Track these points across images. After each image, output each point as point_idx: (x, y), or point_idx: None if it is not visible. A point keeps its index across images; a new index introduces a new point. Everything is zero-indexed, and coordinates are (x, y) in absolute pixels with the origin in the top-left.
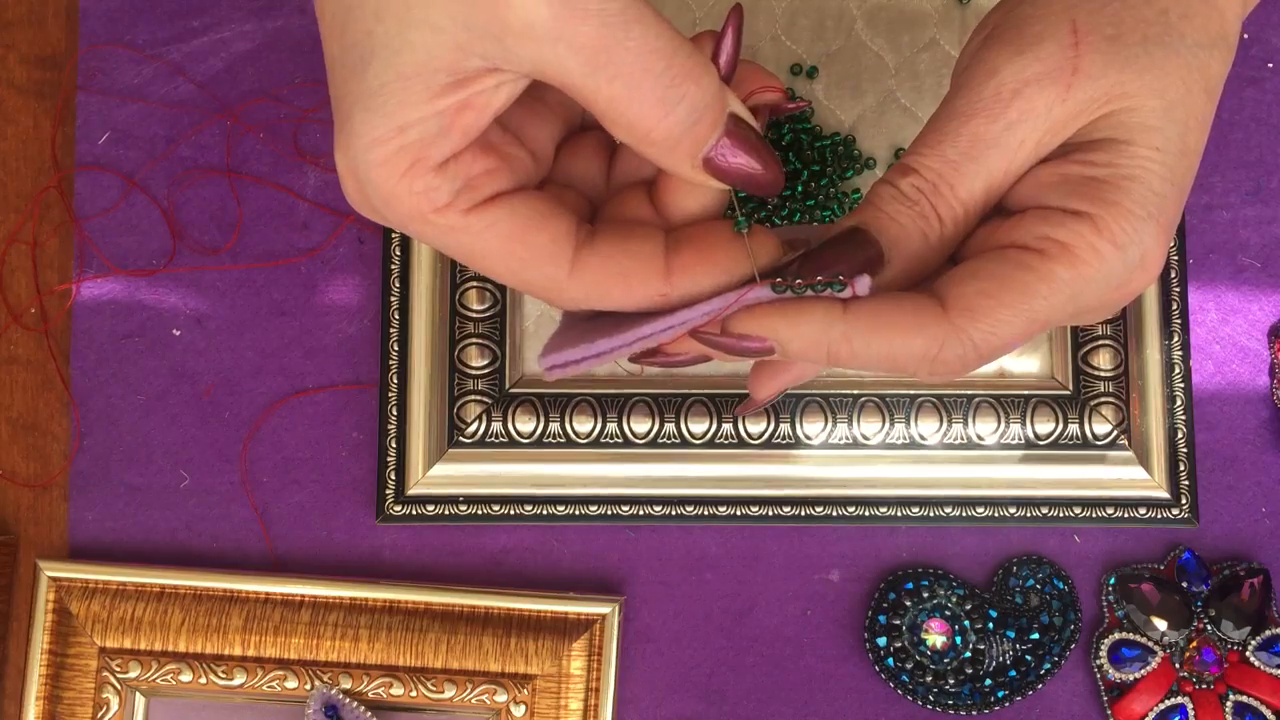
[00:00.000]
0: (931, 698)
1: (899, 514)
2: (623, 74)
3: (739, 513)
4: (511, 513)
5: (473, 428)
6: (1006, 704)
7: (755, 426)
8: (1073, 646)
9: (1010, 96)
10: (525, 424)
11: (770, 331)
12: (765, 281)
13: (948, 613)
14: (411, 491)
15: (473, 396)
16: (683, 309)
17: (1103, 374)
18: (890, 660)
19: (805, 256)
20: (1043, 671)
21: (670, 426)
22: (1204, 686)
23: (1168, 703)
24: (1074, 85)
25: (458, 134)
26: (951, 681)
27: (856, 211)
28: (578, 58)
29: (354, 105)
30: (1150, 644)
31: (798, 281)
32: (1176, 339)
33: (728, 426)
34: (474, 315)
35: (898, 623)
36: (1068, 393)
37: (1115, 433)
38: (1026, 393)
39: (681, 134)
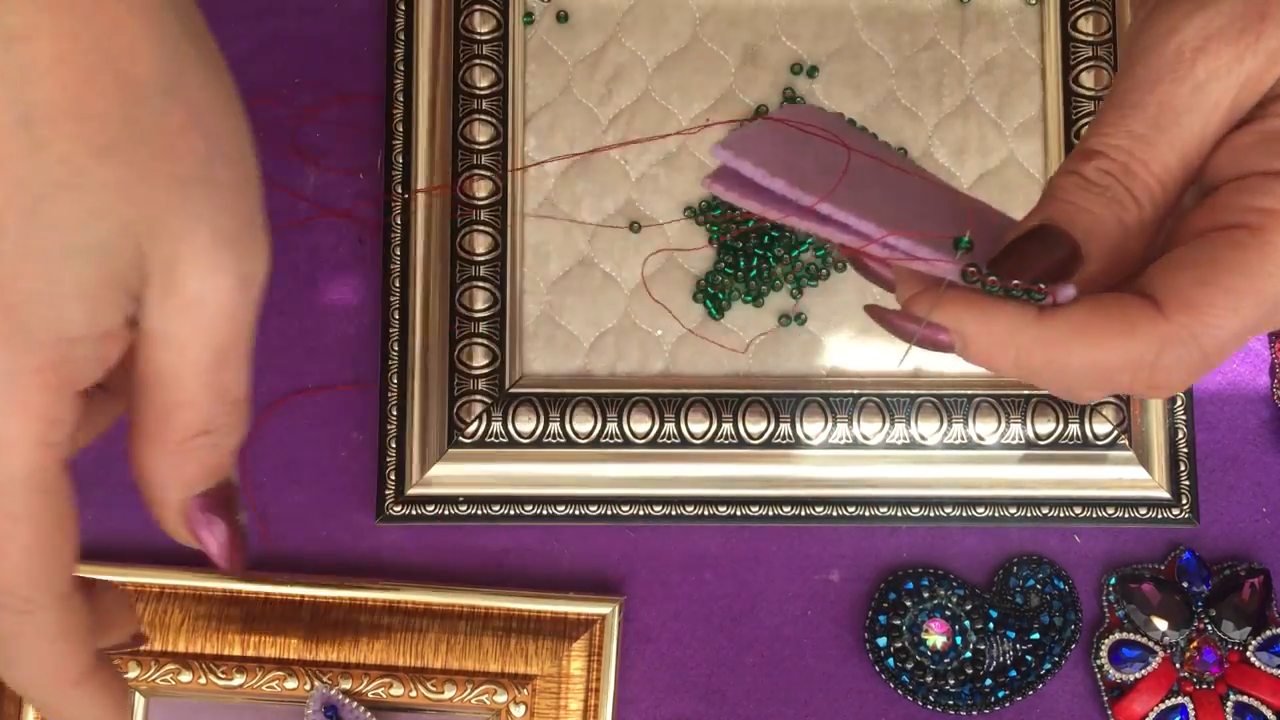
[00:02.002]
0: (932, 698)
1: (899, 514)
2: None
3: (739, 513)
4: (511, 513)
5: (473, 428)
6: (1007, 704)
7: (755, 426)
8: (1073, 647)
9: (1194, 55)
10: (525, 424)
11: (955, 322)
12: (961, 260)
13: (948, 613)
14: (411, 492)
15: (473, 396)
16: (874, 226)
17: None
18: (890, 660)
19: (993, 261)
20: (1043, 672)
21: (670, 426)
22: (1204, 687)
23: (1168, 703)
24: (1264, 33)
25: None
26: (952, 682)
27: (1039, 207)
28: (205, 354)
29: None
30: (1151, 644)
31: (991, 279)
32: None
33: (728, 426)
34: (474, 315)
35: (898, 623)
36: None
37: (1115, 433)
38: (1027, 393)
39: (183, 462)
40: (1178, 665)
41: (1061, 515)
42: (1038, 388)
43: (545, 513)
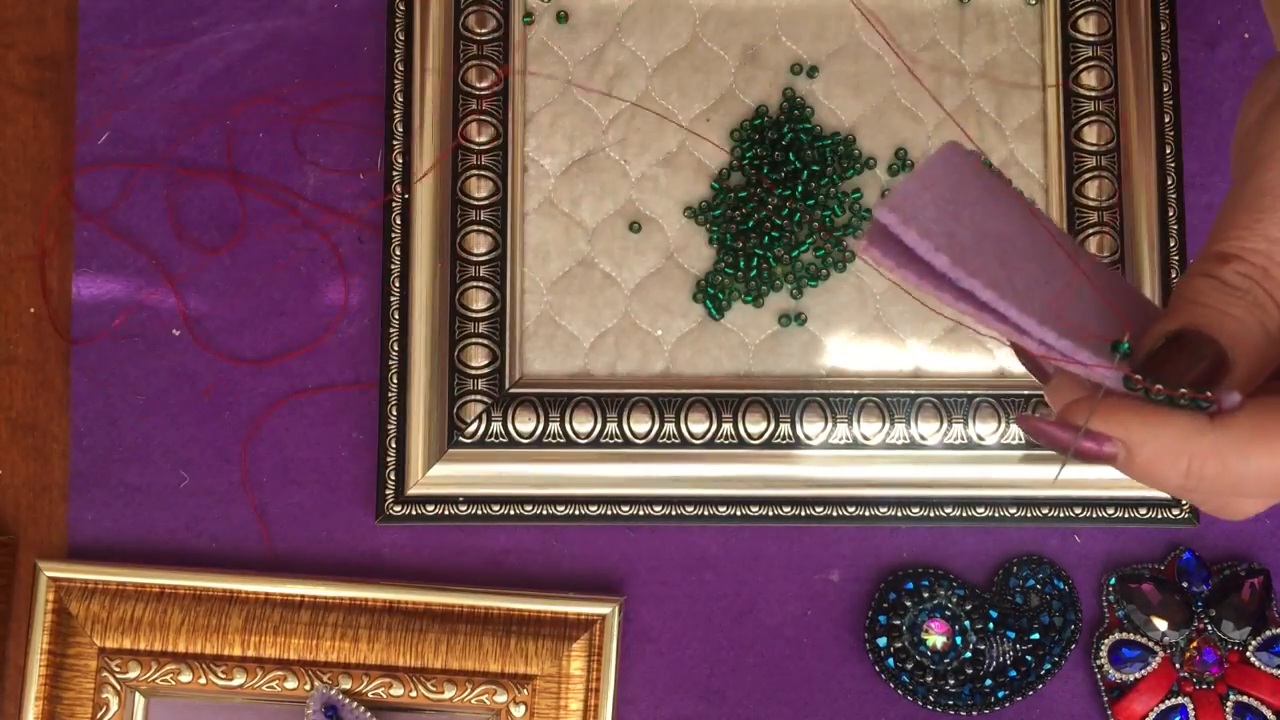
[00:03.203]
0: (932, 698)
1: (899, 514)
2: None
3: (739, 513)
4: (511, 513)
5: (472, 428)
6: (1007, 704)
7: (755, 426)
8: (1073, 647)
9: None
10: (525, 424)
11: (1123, 431)
12: (1122, 366)
13: (948, 613)
14: (411, 492)
15: (473, 396)
16: (1035, 323)
17: None
18: (890, 660)
19: (1146, 363)
20: (1043, 672)
21: (670, 426)
22: (1204, 687)
23: (1168, 703)
24: None
25: None
26: (952, 682)
27: (1175, 312)
28: None
29: None
30: (1150, 644)
31: (1157, 388)
32: None
33: (728, 426)
34: (474, 315)
35: (898, 623)
36: None
37: None
38: (1027, 392)
39: None
40: (1177, 665)
41: (1061, 515)
42: (1191, 502)
43: (545, 513)
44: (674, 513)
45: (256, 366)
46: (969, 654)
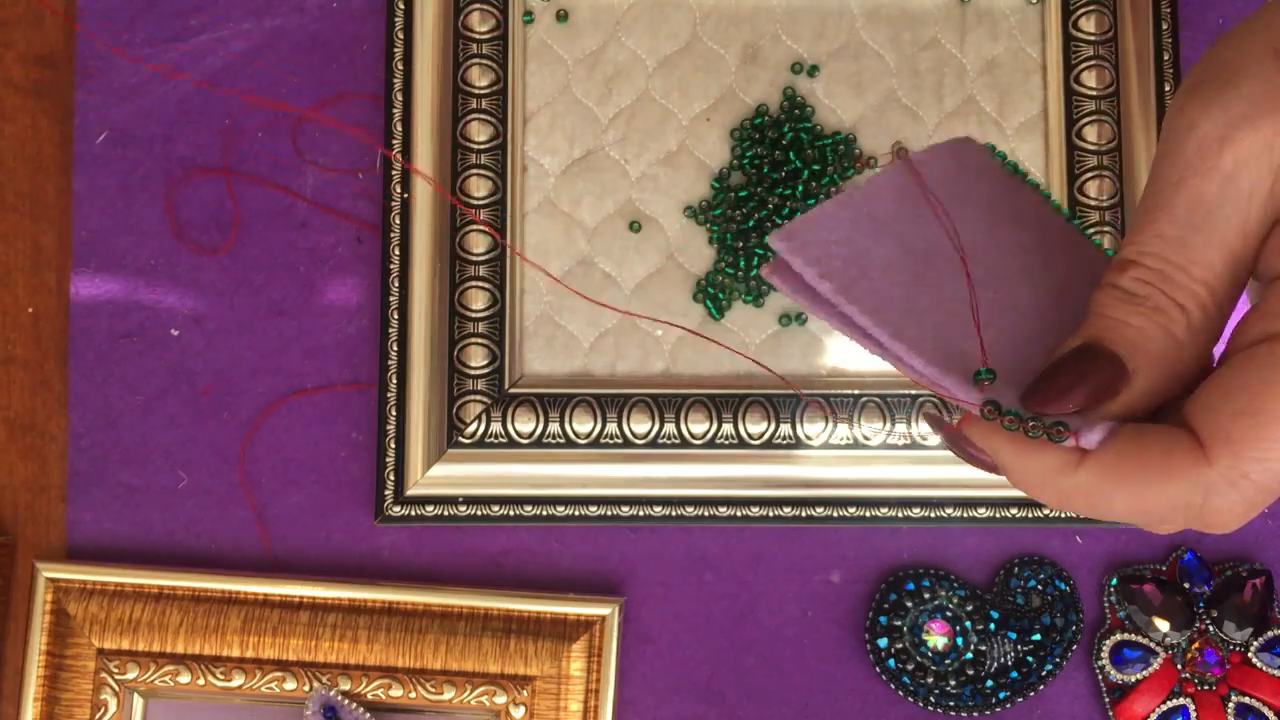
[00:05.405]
0: (933, 699)
1: (900, 515)
2: None
3: (739, 513)
4: (511, 513)
5: (472, 428)
6: (1008, 705)
7: (755, 427)
8: (1074, 647)
9: (1219, 146)
10: (525, 424)
11: (994, 453)
12: (980, 397)
13: (949, 614)
14: (410, 492)
15: (472, 396)
16: (905, 349)
17: None
18: (891, 661)
19: (1034, 384)
20: (1044, 673)
21: (670, 427)
22: (1206, 687)
23: (1170, 704)
24: None
25: None
26: (953, 683)
27: (1083, 326)
28: None
29: None
30: (1152, 645)
31: (1008, 419)
32: None
33: (728, 427)
34: (474, 315)
35: (899, 624)
36: None
37: None
38: None
39: None
40: (1179, 666)
41: (1063, 516)
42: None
43: (545, 513)
44: (674, 513)
45: (255, 367)
46: (970, 655)
